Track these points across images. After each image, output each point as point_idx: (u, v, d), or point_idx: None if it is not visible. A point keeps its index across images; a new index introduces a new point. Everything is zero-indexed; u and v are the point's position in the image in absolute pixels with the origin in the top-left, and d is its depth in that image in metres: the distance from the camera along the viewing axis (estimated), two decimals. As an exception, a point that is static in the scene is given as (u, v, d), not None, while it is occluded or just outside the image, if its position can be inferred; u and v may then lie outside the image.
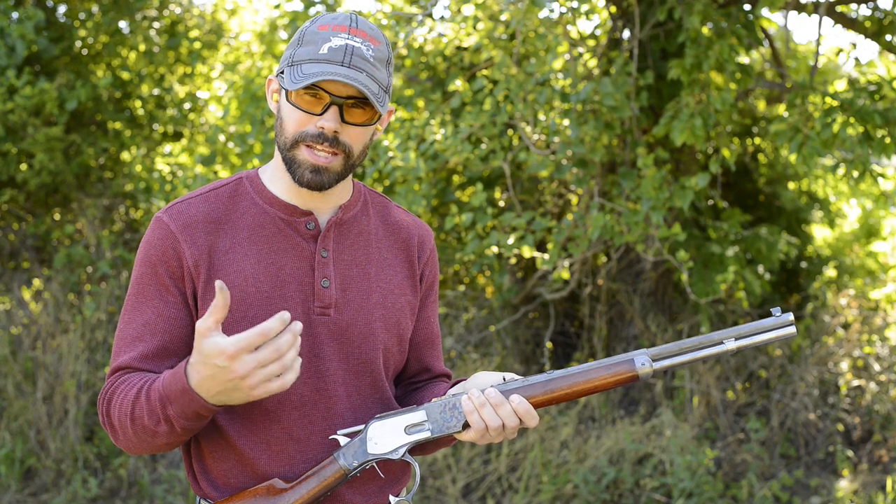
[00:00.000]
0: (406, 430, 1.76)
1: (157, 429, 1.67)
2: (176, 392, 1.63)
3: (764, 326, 1.80)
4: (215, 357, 1.55)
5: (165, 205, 6.49)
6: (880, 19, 5.37)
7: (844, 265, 6.68)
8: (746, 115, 6.46)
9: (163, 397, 1.65)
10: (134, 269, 1.82)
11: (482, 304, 6.23)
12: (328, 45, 1.71)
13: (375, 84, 1.73)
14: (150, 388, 1.68)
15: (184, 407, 1.63)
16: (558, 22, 5.44)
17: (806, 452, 5.46)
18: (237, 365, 1.55)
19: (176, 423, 1.65)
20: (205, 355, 1.57)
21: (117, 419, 1.72)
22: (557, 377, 1.78)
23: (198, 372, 1.59)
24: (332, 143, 1.74)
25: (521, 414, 1.74)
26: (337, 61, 1.70)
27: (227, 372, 1.56)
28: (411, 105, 5.86)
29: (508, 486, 5.23)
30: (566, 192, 6.10)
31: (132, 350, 1.76)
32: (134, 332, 1.77)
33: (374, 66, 1.73)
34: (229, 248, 1.79)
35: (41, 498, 5.51)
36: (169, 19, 6.82)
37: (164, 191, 6.44)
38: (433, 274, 1.99)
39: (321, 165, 1.75)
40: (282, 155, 1.79)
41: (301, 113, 1.74)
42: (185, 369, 1.62)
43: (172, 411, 1.64)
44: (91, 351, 6.06)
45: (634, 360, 1.78)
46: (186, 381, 1.61)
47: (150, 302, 1.77)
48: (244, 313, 1.76)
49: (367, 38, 1.74)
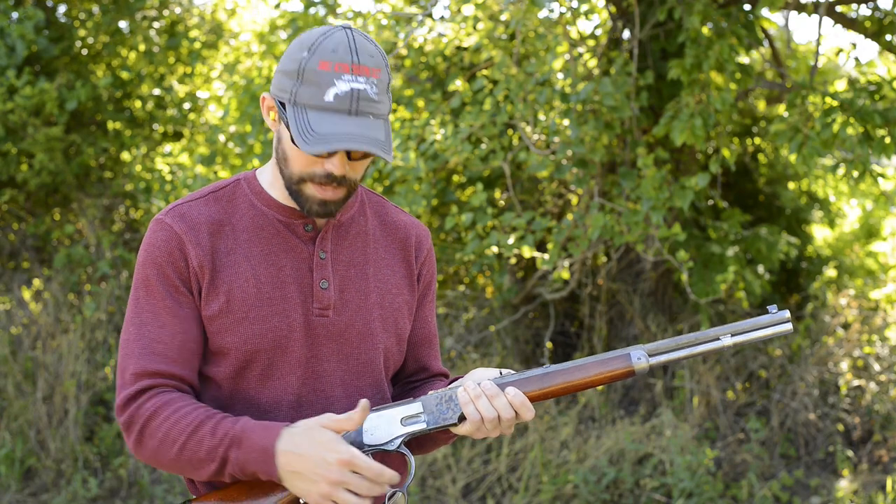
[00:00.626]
0: (402, 421, 1.77)
1: (206, 466, 1.69)
2: (254, 444, 1.65)
3: (760, 323, 1.82)
4: (329, 451, 1.61)
5: (166, 205, 6.49)
6: (880, 19, 5.37)
7: (844, 265, 6.68)
8: (746, 115, 6.45)
9: (234, 439, 1.66)
10: (138, 272, 1.81)
11: (482, 304, 6.23)
12: (333, 92, 1.69)
13: (381, 126, 1.72)
14: (219, 425, 1.68)
15: (250, 461, 1.65)
16: (558, 22, 5.44)
17: (806, 452, 5.46)
18: (341, 474, 1.61)
19: (229, 467, 1.67)
20: (319, 441, 1.61)
21: (159, 439, 1.71)
22: (554, 371, 1.79)
23: (295, 444, 1.63)
24: (340, 182, 1.75)
25: (517, 406, 1.74)
26: (344, 110, 1.69)
27: (327, 470, 1.61)
28: (411, 105, 5.86)
29: (508, 486, 5.23)
30: (566, 192, 6.10)
31: (154, 353, 1.75)
32: (153, 335, 1.76)
33: (378, 104, 1.72)
34: (230, 250, 1.80)
35: (41, 498, 5.51)
36: (169, 19, 6.82)
37: (164, 191, 6.44)
38: (430, 273, 2.00)
39: (329, 200, 1.76)
40: (286, 184, 1.79)
41: (308, 156, 1.74)
42: (280, 431, 1.64)
43: (234, 456, 1.66)
44: (91, 351, 6.06)
45: (630, 354, 1.80)
46: (275, 442, 1.64)
47: (164, 303, 1.77)
48: (245, 314, 1.77)
49: (370, 74, 1.72)
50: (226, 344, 1.78)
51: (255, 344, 1.78)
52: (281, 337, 1.79)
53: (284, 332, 1.79)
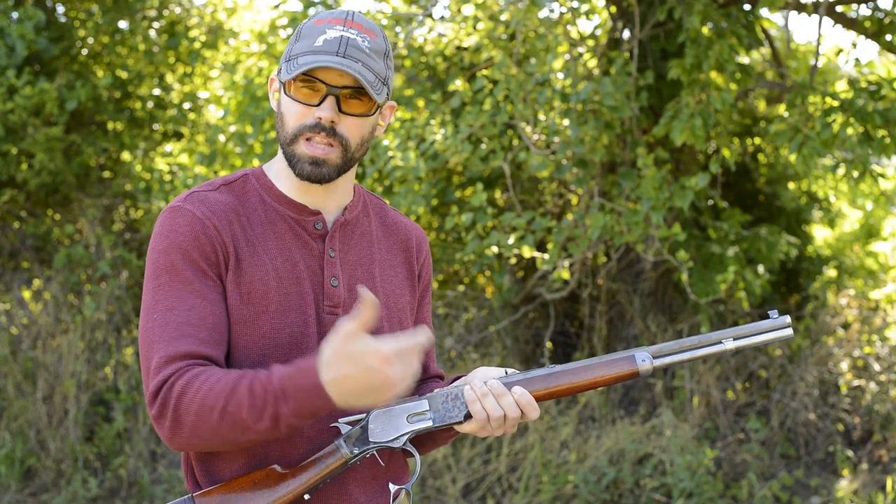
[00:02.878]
0: (408, 418, 1.77)
1: (257, 425, 1.61)
2: (301, 389, 1.59)
3: (762, 328, 1.85)
4: (369, 357, 1.54)
5: (166, 205, 6.49)
6: (880, 19, 5.37)
7: (844, 265, 6.68)
8: (746, 115, 6.46)
9: (278, 393, 1.60)
10: (159, 259, 1.75)
11: (482, 304, 6.23)
12: (323, 38, 1.74)
13: (371, 73, 1.75)
14: (255, 382, 1.62)
15: (304, 404, 1.60)
16: (558, 22, 5.44)
17: (806, 452, 5.46)
18: (391, 369, 1.55)
19: (284, 421, 1.61)
20: (355, 354, 1.55)
21: (195, 411, 1.63)
22: (559, 371, 1.80)
23: (336, 370, 1.56)
24: (330, 134, 1.75)
25: (523, 405, 1.75)
26: (332, 52, 1.73)
27: (377, 374, 1.55)
28: (411, 105, 5.86)
29: (508, 486, 5.23)
30: (566, 192, 6.10)
31: (185, 336, 1.70)
32: (182, 318, 1.70)
33: (369, 57, 1.75)
34: (249, 241, 1.79)
35: (41, 498, 5.51)
36: (169, 19, 6.83)
37: (163, 191, 6.44)
38: (429, 275, 2.01)
39: (319, 157, 1.76)
40: (283, 151, 1.80)
41: (299, 105, 1.75)
42: (316, 366, 1.58)
43: (287, 408, 1.60)
44: (91, 351, 6.06)
45: (635, 356, 1.81)
46: (318, 378, 1.58)
47: (191, 286, 1.72)
48: (265, 307, 1.76)
49: (363, 31, 1.77)
50: (244, 337, 1.76)
51: (273, 338, 1.76)
52: (298, 333, 1.78)
53: (301, 328, 1.78)
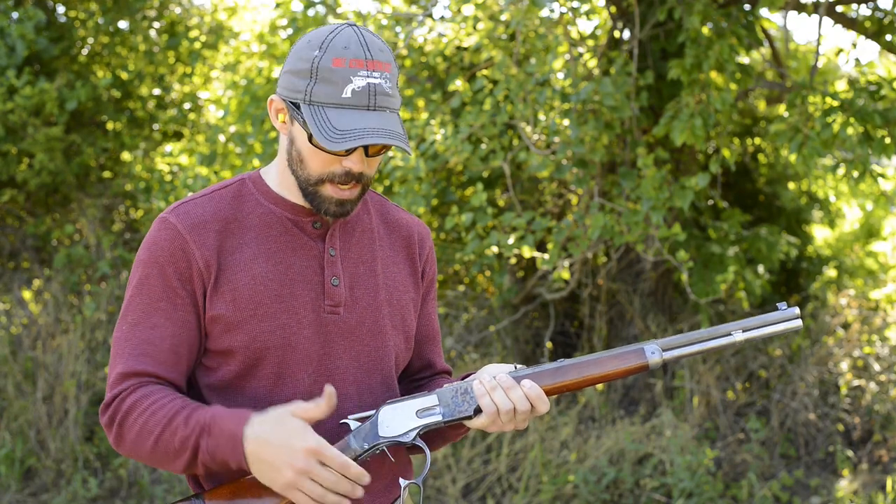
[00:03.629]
0: (417, 413, 1.77)
1: (180, 456, 1.67)
2: (223, 431, 1.63)
3: (770, 320, 1.83)
4: (297, 440, 1.59)
5: (166, 205, 6.47)
6: (880, 19, 5.37)
7: (844, 265, 6.68)
8: (746, 115, 6.46)
9: (204, 427, 1.65)
10: (136, 271, 1.79)
11: (482, 304, 6.23)
12: (350, 88, 1.69)
13: (398, 120, 1.73)
14: (192, 414, 1.67)
15: (220, 447, 1.64)
16: (558, 22, 5.44)
17: (806, 452, 5.46)
18: (306, 462, 1.59)
19: (201, 456, 1.66)
20: (288, 428, 1.59)
21: (136, 431, 1.70)
22: (568, 365, 1.80)
23: (263, 430, 1.61)
24: (357, 180, 1.76)
25: (533, 399, 1.75)
26: (363, 106, 1.69)
27: (292, 457, 1.59)
28: (411, 105, 5.86)
29: (508, 486, 5.23)
30: (566, 192, 6.10)
31: (143, 355, 1.74)
32: (144, 336, 1.75)
33: (392, 98, 1.73)
34: (237, 248, 1.79)
35: (41, 498, 5.51)
36: (169, 19, 6.83)
37: (164, 191, 6.43)
38: (433, 271, 2.01)
39: (346, 199, 1.77)
40: (301, 185, 1.78)
41: (327, 155, 1.73)
42: (249, 417, 1.63)
43: (205, 444, 1.65)
44: (91, 351, 6.06)
45: (645, 349, 1.80)
46: (244, 428, 1.62)
47: (158, 304, 1.76)
48: (253, 312, 1.77)
49: (383, 68, 1.72)
50: (234, 343, 1.77)
51: (263, 341, 1.77)
52: (290, 334, 1.78)
53: (293, 329, 1.78)
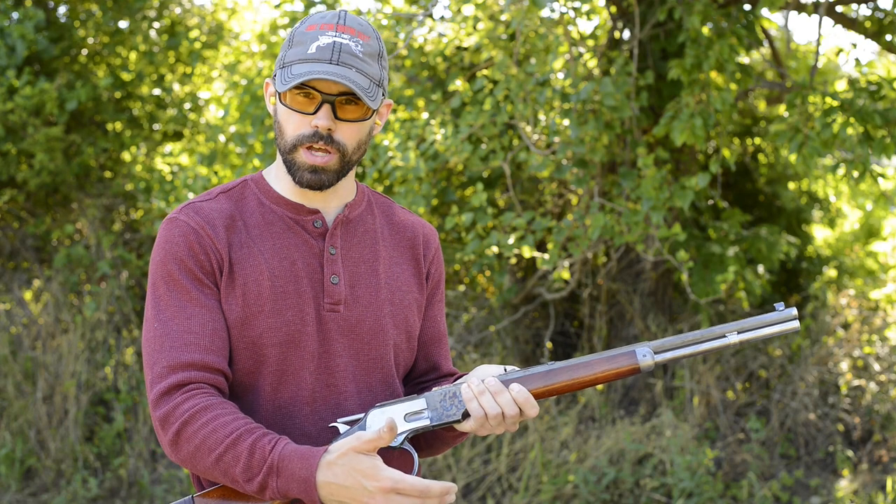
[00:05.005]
0: (406, 417, 1.76)
1: (245, 485, 1.66)
2: (294, 475, 1.62)
3: (767, 321, 1.79)
4: (370, 478, 1.58)
5: (166, 205, 6.45)
6: (880, 19, 5.37)
7: (844, 265, 6.68)
8: (746, 115, 6.46)
9: (272, 467, 1.63)
10: (157, 269, 1.79)
11: (482, 304, 6.23)
12: (316, 45, 1.74)
13: (365, 79, 1.75)
14: (257, 445, 1.65)
15: (291, 488, 1.63)
16: (559, 22, 5.44)
17: (806, 452, 5.46)
18: (384, 499, 1.58)
19: (269, 493, 1.65)
20: (358, 470, 1.59)
21: (196, 445, 1.68)
22: (558, 368, 1.78)
23: (335, 475, 1.60)
24: (328, 142, 1.77)
25: (521, 403, 1.74)
26: (325, 59, 1.73)
27: (369, 497, 1.59)
28: (411, 105, 5.86)
29: (508, 486, 5.23)
30: (566, 192, 6.10)
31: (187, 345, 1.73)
32: (182, 327, 1.74)
33: (363, 62, 1.76)
34: (244, 246, 1.81)
35: (41, 498, 5.51)
36: (169, 19, 6.83)
37: (164, 191, 6.44)
38: (439, 273, 2.00)
39: (318, 165, 1.77)
40: (282, 159, 1.82)
41: (296, 115, 1.77)
42: (318, 461, 1.62)
43: (276, 484, 1.63)
44: (91, 351, 6.06)
45: (636, 351, 1.78)
46: (315, 474, 1.61)
47: (189, 295, 1.76)
48: (261, 308, 1.78)
49: (356, 34, 1.77)
50: (242, 339, 1.78)
51: (270, 338, 1.78)
52: (295, 331, 1.79)
53: (298, 326, 1.79)
